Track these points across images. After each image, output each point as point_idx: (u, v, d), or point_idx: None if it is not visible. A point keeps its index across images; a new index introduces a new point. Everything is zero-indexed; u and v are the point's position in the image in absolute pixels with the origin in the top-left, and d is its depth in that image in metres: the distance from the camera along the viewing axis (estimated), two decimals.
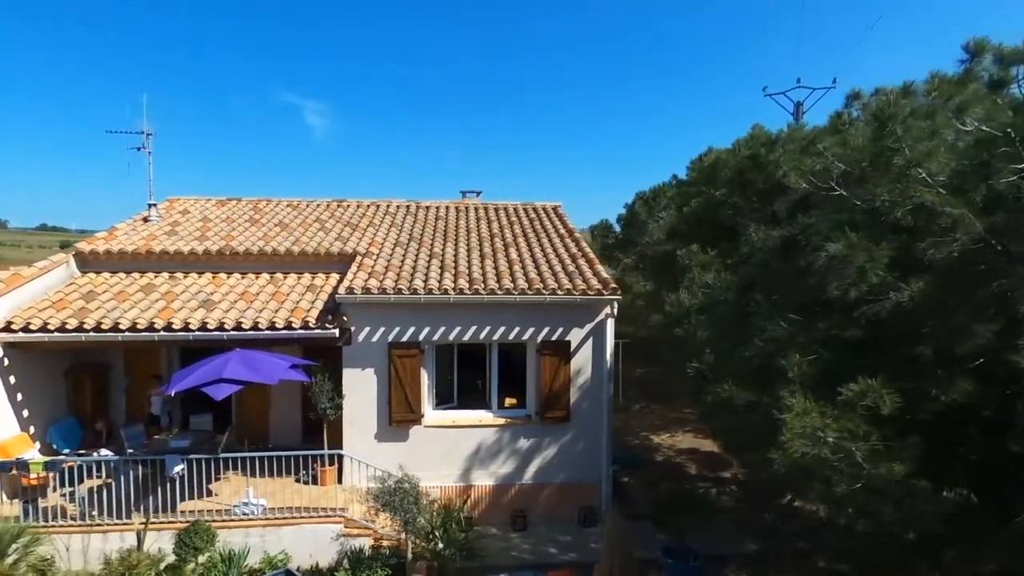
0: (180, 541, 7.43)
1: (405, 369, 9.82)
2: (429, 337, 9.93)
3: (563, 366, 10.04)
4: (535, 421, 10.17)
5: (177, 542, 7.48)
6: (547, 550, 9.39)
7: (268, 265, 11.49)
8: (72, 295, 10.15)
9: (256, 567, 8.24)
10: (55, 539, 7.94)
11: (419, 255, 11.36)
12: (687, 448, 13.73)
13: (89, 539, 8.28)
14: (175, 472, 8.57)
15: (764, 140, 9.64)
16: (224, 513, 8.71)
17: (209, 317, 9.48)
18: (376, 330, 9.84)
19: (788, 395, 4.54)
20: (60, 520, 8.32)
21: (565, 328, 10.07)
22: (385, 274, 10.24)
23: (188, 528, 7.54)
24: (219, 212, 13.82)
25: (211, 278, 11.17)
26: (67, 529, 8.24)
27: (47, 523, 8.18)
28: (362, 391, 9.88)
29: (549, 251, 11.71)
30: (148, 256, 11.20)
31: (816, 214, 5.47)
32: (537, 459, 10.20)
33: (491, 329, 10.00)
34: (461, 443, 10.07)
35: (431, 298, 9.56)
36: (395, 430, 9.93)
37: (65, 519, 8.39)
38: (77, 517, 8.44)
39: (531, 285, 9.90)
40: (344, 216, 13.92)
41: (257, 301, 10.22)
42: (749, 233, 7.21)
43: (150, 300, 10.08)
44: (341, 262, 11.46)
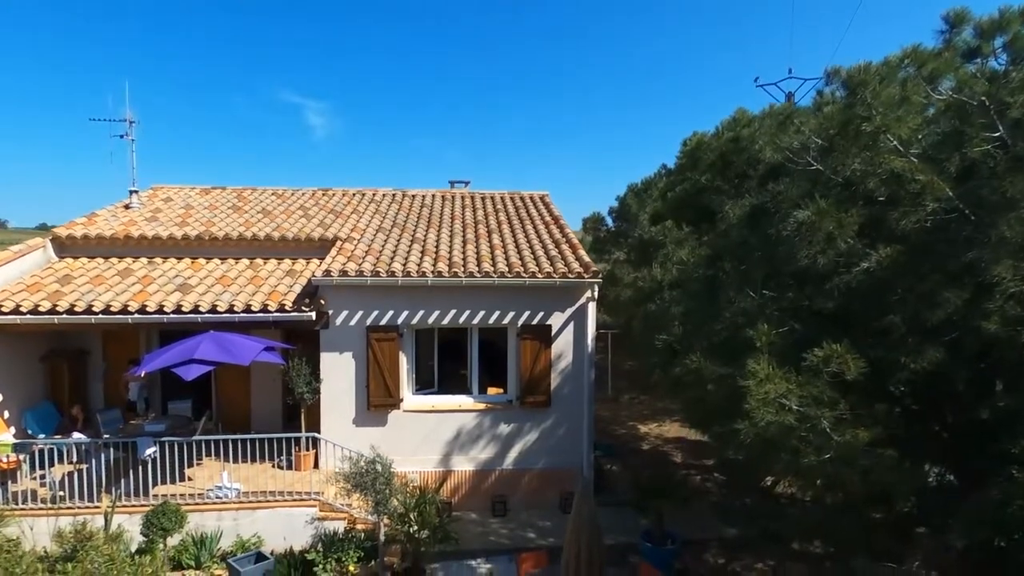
0: (147, 522, 7.32)
1: (383, 353, 9.72)
2: (408, 321, 9.83)
3: (544, 350, 9.94)
4: (516, 406, 10.07)
5: (144, 523, 7.37)
6: (526, 535, 9.29)
7: (248, 251, 11.39)
8: (48, 279, 10.04)
9: (228, 550, 8.14)
10: (22, 521, 7.82)
11: (400, 240, 11.25)
12: (673, 437, 13.63)
13: (57, 522, 8.16)
14: (147, 455, 8.46)
15: (746, 122, 9.55)
16: (198, 497, 8.61)
17: (184, 300, 9.38)
18: (354, 314, 9.73)
19: (752, 362, 4.44)
20: (30, 503, 8.23)
21: (546, 312, 9.96)
22: (364, 258, 10.13)
23: (156, 509, 7.42)
24: (202, 200, 13.70)
25: (190, 263, 11.06)
26: (35, 512, 8.13)
27: (16, 506, 8.08)
28: (340, 375, 9.78)
29: (533, 237, 11.61)
30: (127, 241, 11.09)
31: (786, 182, 5.37)
32: (518, 445, 10.10)
33: (471, 313, 9.89)
34: (440, 428, 9.97)
35: (408, 281, 9.45)
36: (373, 415, 9.82)
37: (36, 502, 8.29)
38: (48, 500, 8.34)
39: (511, 269, 9.79)
40: (328, 204, 13.82)
41: (234, 285, 10.12)
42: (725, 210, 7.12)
43: (126, 284, 9.97)
44: (322, 248, 11.36)
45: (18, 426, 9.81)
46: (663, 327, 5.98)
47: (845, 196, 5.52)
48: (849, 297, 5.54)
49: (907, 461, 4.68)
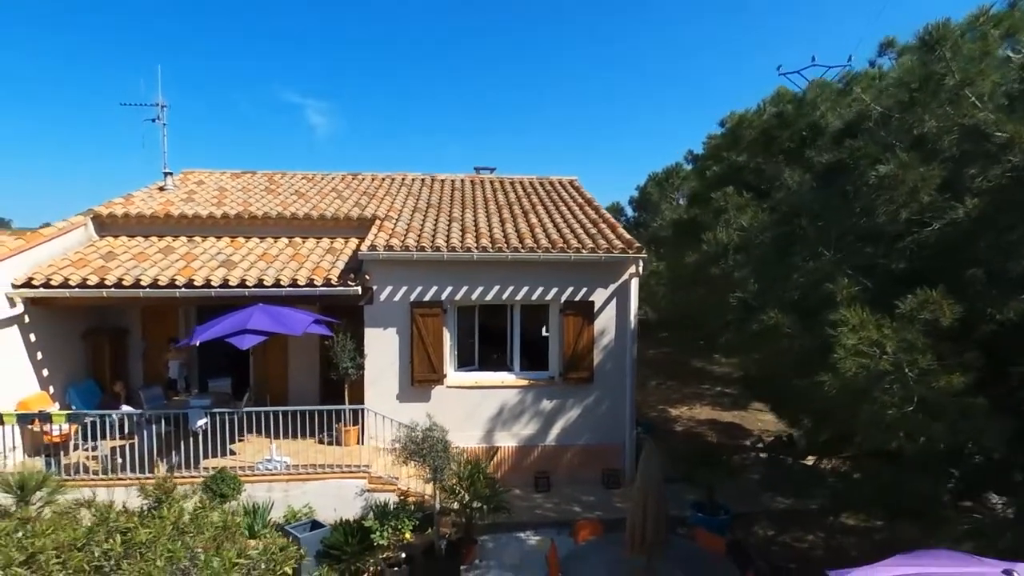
0: (206, 487, 7.35)
1: (427, 329, 9.73)
2: (451, 297, 9.85)
3: (587, 327, 9.95)
4: (558, 383, 10.08)
5: (203, 488, 7.39)
6: (571, 508, 9.30)
7: (287, 230, 11.42)
8: (92, 255, 10.07)
9: (279, 520, 8.16)
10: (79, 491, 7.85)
11: (439, 219, 11.27)
12: (706, 419, 13.63)
13: (111, 492, 8.20)
14: (198, 425, 8.49)
15: (790, 98, 9.55)
16: (247, 469, 8.64)
17: (230, 275, 9.40)
18: (398, 289, 9.75)
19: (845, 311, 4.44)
20: (81, 475, 8.27)
21: (589, 288, 9.98)
22: (407, 234, 10.15)
23: (215, 475, 7.46)
24: (234, 183, 13.74)
25: (229, 241, 11.09)
26: (89, 482, 8.16)
27: (71, 477, 8.13)
28: (384, 351, 9.80)
29: (569, 217, 11.61)
30: (167, 220, 11.12)
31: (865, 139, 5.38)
32: (560, 421, 10.11)
33: (514, 289, 9.91)
34: (483, 404, 9.98)
35: (454, 256, 9.47)
36: (417, 390, 9.84)
37: (88, 474, 8.33)
38: (100, 472, 8.37)
39: (554, 245, 9.80)
40: (360, 187, 13.85)
41: (277, 262, 10.15)
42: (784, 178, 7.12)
43: (170, 260, 9.99)
44: (360, 227, 11.39)
45: (62, 402, 9.85)
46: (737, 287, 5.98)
47: (919, 155, 5.53)
48: (922, 255, 5.55)
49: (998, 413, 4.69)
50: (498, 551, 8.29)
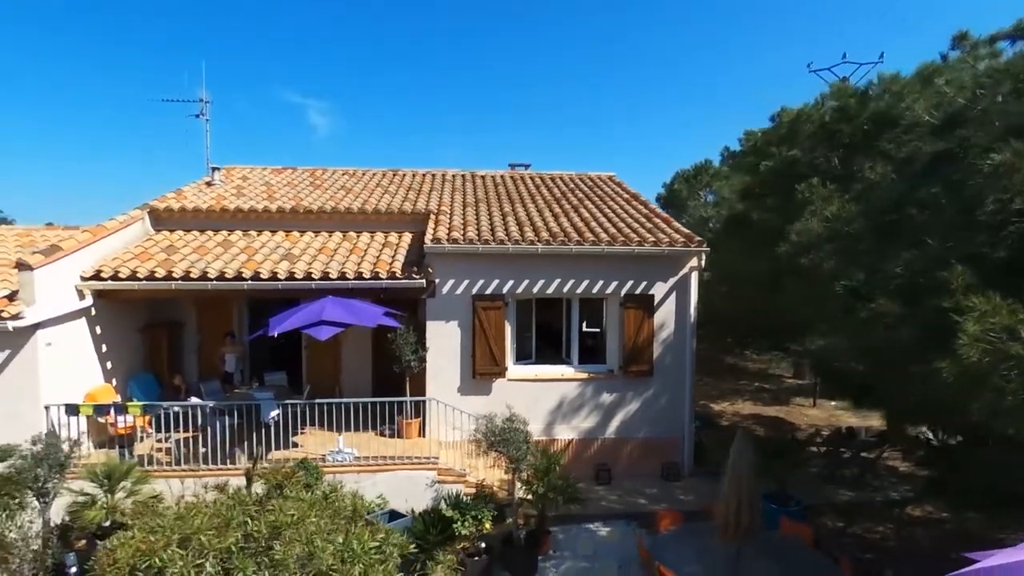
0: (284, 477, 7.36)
1: (489, 322, 9.77)
2: (513, 290, 9.88)
3: (647, 320, 9.98)
4: (618, 376, 10.11)
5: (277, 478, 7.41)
6: (636, 501, 9.34)
7: (340, 224, 11.45)
8: (152, 249, 10.12)
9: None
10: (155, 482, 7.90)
11: (492, 214, 11.31)
12: (750, 414, 13.65)
13: (185, 484, 8.23)
14: (271, 417, 8.53)
15: (850, 93, 9.57)
16: (318, 460, 8.66)
17: (295, 268, 9.44)
18: (460, 282, 9.79)
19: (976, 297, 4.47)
20: (154, 466, 8.30)
21: (649, 282, 10.02)
22: (465, 228, 10.19)
23: (298, 464, 7.49)
24: (278, 178, 13.79)
25: (284, 235, 11.12)
26: (167, 473, 8.20)
27: (153, 467, 8.18)
28: (446, 344, 9.83)
29: (620, 212, 11.65)
30: (222, 214, 11.17)
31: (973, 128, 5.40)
32: (619, 414, 10.14)
33: (575, 282, 9.94)
34: (543, 397, 10.01)
35: (519, 249, 9.50)
36: (478, 383, 9.87)
37: (159, 466, 8.36)
38: (170, 464, 8.41)
39: (616, 239, 9.84)
40: (403, 182, 13.88)
41: (337, 255, 10.18)
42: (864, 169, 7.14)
43: (231, 254, 10.03)
44: (413, 221, 11.44)
45: (123, 394, 9.89)
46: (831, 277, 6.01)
47: None
48: None
49: None
50: (570, 542, 8.33)
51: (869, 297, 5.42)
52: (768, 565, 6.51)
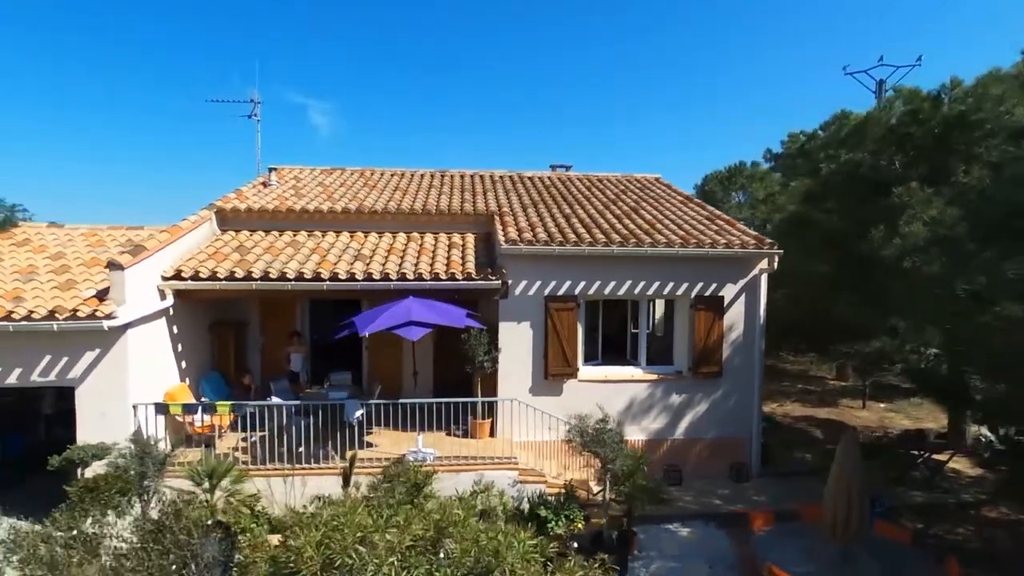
0: (387, 476, 7.42)
1: (562, 322, 9.82)
2: (585, 291, 9.93)
3: (717, 322, 10.03)
4: (687, 377, 10.16)
5: (384, 477, 7.47)
6: (710, 501, 9.39)
7: (403, 224, 11.49)
8: (224, 249, 10.17)
9: None
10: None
11: (553, 215, 11.35)
12: (801, 416, 13.70)
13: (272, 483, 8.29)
14: (356, 417, 8.58)
15: (923, 97, 9.62)
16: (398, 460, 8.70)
17: (371, 268, 9.49)
18: (533, 283, 9.84)
19: None
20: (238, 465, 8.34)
21: (719, 284, 10.07)
22: (534, 229, 10.24)
23: (395, 463, 7.54)
24: (331, 179, 13.84)
25: (350, 236, 11.16)
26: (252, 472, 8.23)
27: (256, 466, 8.23)
28: (517, 344, 9.88)
29: (680, 213, 11.70)
30: (288, 215, 11.21)
31: None
32: (689, 415, 10.19)
33: (646, 284, 10.00)
34: (613, 398, 10.05)
35: (594, 250, 9.55)
36: (550, 384, 9.92)
37: (244, 465, 8.40)
38: (253, 463, 8.45)
39: (686, 240, 9.89)
40: (453, 183, 13.92)
41: (408, 255, 10.23)
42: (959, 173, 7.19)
43: (302, 255, 10.06)
44: (476, 222, 11.50)
45: (195, 394, 9.93)
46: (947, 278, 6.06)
47: None
48: None
49: None
50: (652, 542, 8.38)
51: (991, 301, 5.47)
52: (873, 565, 6.55)
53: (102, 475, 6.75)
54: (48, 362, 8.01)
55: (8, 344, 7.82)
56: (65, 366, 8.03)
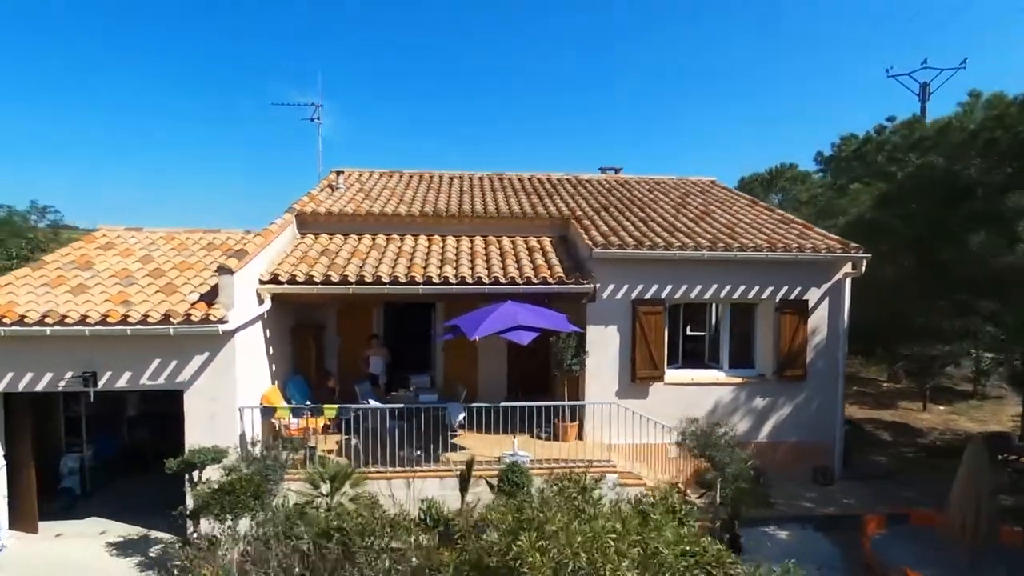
0: (502, 478, 7.51)
1: (650, 326, 9.89)
2: (671, 295, 10.00)
3: (801, 325, 10.10)
4: (771, 380, 10.23)
5: (501, 479, 7.55)
6: (801, 504, 9.45)
7: (480, 228, 11.53)
8: (311, 253, 10.24)
9: None
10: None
11: (629, 218, 11.41)
12: (865, 418, 13.75)
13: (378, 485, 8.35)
14: (459, 420, 8.64)
15: (1009, 102, 9.70)
16: (495, 463, 8.77)
17: (462, 272, 9.55)
18: (620, 287, 9.91)
19: None
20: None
21: (803, 288, 10.14)
22: (617, 233, 10.29)
23: (508, 467, 7.62)
24: (392, 182, 13.90)
25: (427, 239, 11.22)
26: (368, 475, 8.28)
27: (369, 469, 8.27)
28: (604, 348, 9.94)
29: (753, 217, 11.77)
30: (367, 218, 11.28)
31: None
32: (772, 418, 10.25)
33: (732, 288, 10.06)
34: (699, 401, 10.11)
35: (684, 254, 9.63)
36: (637, 387, 9.99)
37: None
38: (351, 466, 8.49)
39: (774, 244, 9.96)
40: (514, 187, 13.98)
41: (492, 259, 10.28)
42: None
43: (389, 258, 10.13)
44: (552, 226, 11.57)
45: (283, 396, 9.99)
46: None
47: None
48: None
49: None
50: (755, 546, 8.41)
51: None
52: (998, 570, 6.62)
53: (237, 478, 6.81)
54: (158, 365, 8.07)
55: (118, 347, 7.88)
56: (174, 369, 8.10)
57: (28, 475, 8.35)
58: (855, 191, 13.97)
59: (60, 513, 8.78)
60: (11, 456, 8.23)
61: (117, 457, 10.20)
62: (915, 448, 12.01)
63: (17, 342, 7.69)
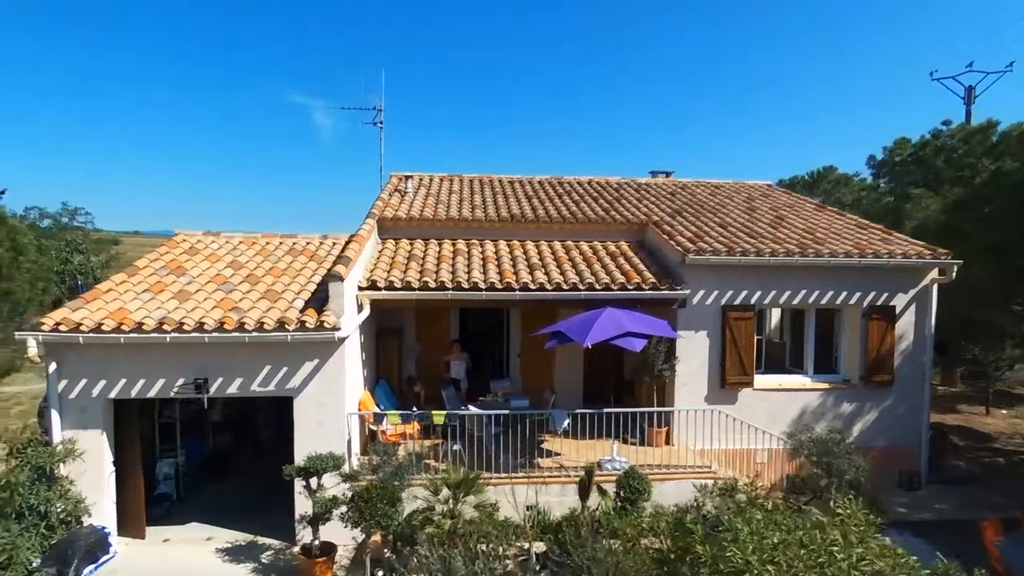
0: (624, 485, 7.53)
1: (739, 332, 9.91)
2: (760, 300, 10.02)
3: (889, 331, 10.12)
4: (857, 385, 10.26)
5: (620, 485, 7.58)
6: (894, 510, 9.45)
7: (557, 233, 11.55)
8: (397, 258, 10.26)
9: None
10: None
11: (706, 223, 11.43)
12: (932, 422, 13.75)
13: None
14: (563, 427, 8.67)
15: None
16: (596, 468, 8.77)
17: (552, 277, 9.57)
18: (711, 292, 9.93)
19: None
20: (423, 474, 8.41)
21: (889, 293, 10.16)
22: (703, 239, 10.32)
23: (627, 473, 7.65)
24: (455, 186, 13.93)
25: (506, 243, 11.23)
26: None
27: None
28: (694, 354, 9.96)
29: (827, 222, 11.79)
30: (446, 222, 11.30)
31: None
32: (858, 423, 10.27)
33: (819, 293, 10.09)
34: (786, 407, 10.15)
35: (776, 260, 9.65)
36: (726, 392, 10.01)
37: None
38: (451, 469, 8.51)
39: (863, 250, 9.98)
40: (576, 191, 14.00)
41: (580, 264, 10.29)
42: None
43: (476, 263, 10.14)
44: (629, 231, 11.60)
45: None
46: None
47: None
48: None
49: None
50: None
51: None
52: None
53: (371, 486, 6.83)
54: (268, 372, 8.09)
55: (229, 354, 7.90)
56: (284, 376, 8.12)
57: (136, 481, 8.38)
58: (918, 196, 13.98)
59: (160, 519, 8.81)
60: (120, 462, 8.25)
61: (203, 462, 10.23)
62: (990, 452, 12.02)
63: (129, 349, 7.71)
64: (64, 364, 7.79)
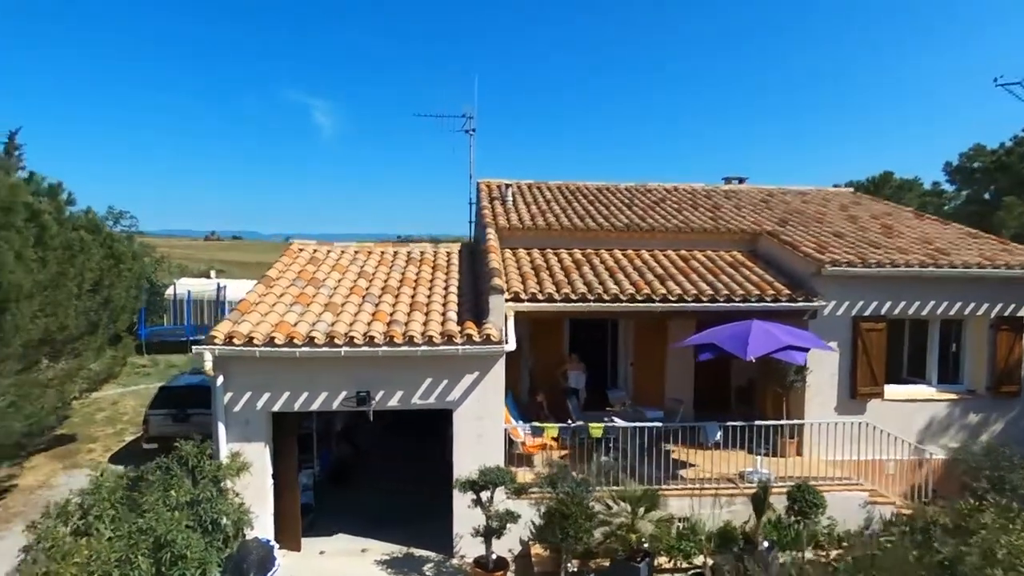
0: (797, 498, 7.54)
1: (871, 342, 9.93)
2: (890, 311, 10.05)
3: (1017, 342, 10.15)
4: (983, 395, 10.29)
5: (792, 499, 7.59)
6: None
7: (671, 242, 11.55)
8: (525, 268, 10.29)
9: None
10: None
11: (816, 232, 11.46)
12: None
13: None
14: (715, 439, 8.69)
15: None
16: (739, 480, 8.81)
17: (693, 289, 9.58)
18: (842, 303, 9.95)
19: None
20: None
21: (1017, 303, 10.19)
22: (827, 249, 10.33)
23: (799, 487, 7.65)
24: (548, 194, 13.93)
25: (622, 253, 11.23)
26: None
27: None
28: (824, 364, 9.97)
29: (937, 231, 11.84)
30: (563, 232, 11.32)
31: None
32: (984, 433, 10.28)
33: (948, 304, 10.12)
34: (914, 417, 10.16)
35: (910, 271, 9.70)
36: (855, 403, 10.02)
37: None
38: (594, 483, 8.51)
39: (994, 261, 10.02)
40: (669, 197, 14.01)
41: (708, 276, 10.29)
42: None
43: (603, 275, 10.15)
44: (740, 240, 11.63)
45: None
46: None
47: None
48: None
49: None
50: None
51: None
52: None
53: (568, 501, 6.84)
54: (429, 384, 8.12)
55: (391, 367, 7.92)
56: (444, 389, 8.15)
57: (292, 493, 8.41)
58: (1010, 204, 14.00)
59: (306, 530, 8.81)
60: (277, 474, 8.26)
61: (331, 472, 10.26)
62: None
63: (294, 362, 7.72)
64: (230, 377, 7.81)
